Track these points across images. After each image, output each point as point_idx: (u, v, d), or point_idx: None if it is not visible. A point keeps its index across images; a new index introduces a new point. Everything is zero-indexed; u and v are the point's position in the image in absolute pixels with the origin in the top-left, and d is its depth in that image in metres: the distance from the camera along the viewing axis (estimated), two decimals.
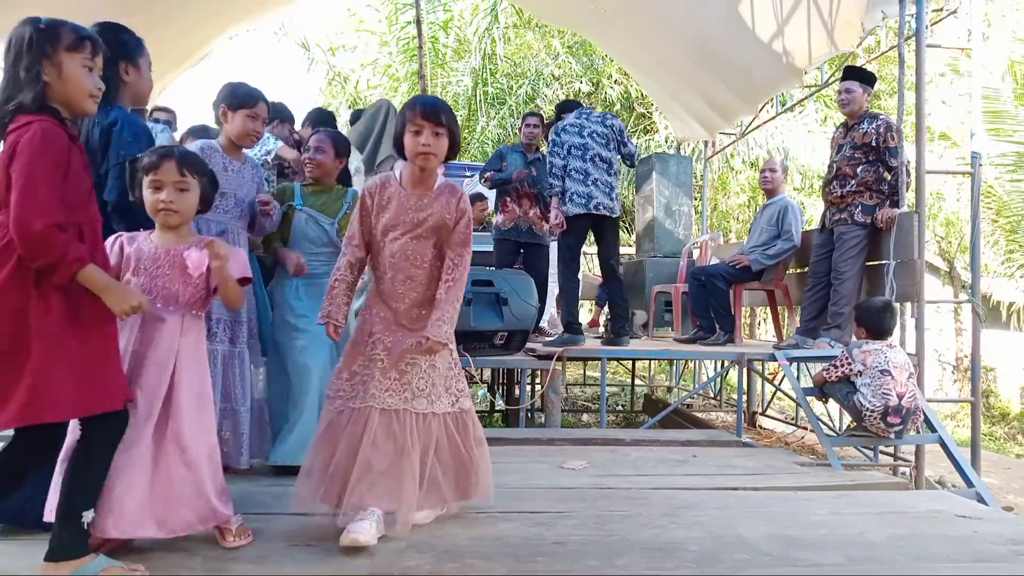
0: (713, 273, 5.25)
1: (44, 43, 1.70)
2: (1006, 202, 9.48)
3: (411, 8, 10.80)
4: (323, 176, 3.05)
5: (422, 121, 2.11)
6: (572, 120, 4.78)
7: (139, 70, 2.44)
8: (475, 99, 11.92)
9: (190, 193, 1.99)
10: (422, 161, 2.15)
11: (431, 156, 2.14)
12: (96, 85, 1.79)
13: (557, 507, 2.50)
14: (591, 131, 4.74)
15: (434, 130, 2.12)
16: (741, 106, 7.20)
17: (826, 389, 3.92)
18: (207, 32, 6.61)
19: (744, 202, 12.20)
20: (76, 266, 1.65)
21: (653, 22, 6.68)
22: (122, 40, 2.38)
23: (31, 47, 1.69)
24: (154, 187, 1.95)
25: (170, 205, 1.95)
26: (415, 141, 2.12)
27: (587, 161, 4.69)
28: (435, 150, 2.14)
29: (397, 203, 2.19)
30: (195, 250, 1.98)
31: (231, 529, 1.99)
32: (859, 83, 4.61)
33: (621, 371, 9.27)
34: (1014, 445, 9.73)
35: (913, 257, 4.31)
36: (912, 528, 2.40)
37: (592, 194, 4.65)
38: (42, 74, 1.69)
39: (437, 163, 2.17)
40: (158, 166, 1.95)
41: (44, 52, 1.70)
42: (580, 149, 4.71)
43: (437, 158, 2.16)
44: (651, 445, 3.85)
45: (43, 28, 1.71)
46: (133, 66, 2.41)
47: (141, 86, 2.46)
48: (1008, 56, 9.35)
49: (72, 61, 1.73)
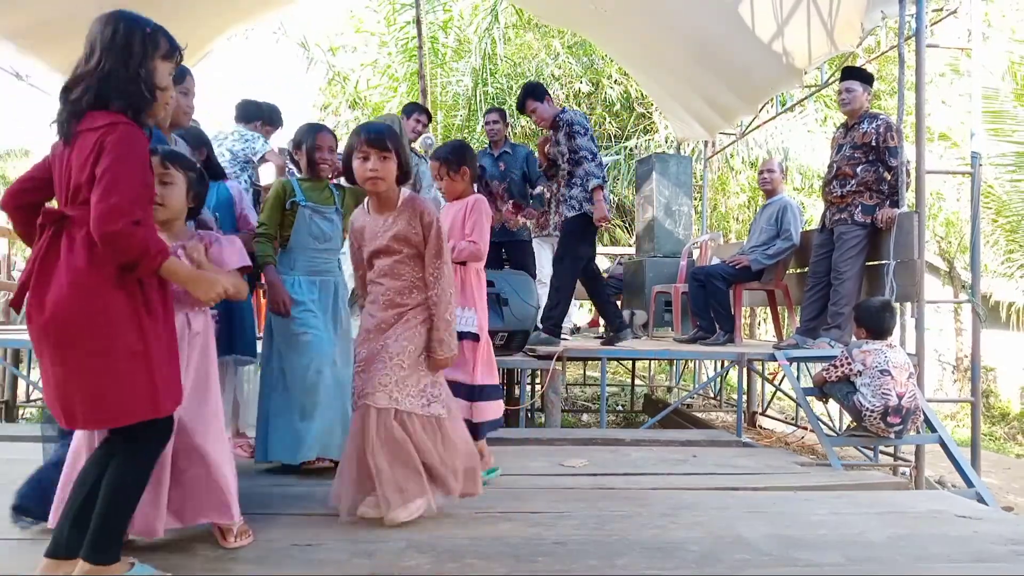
0: (713, 273, 5.25)
1: (148, 47, 1.69)
2: (1006, 202, 9.49)
3: (411, 8, 10.79)
4: (337, 176, 3.01)
5: (367, 148, 2.22)
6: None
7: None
8: (475, 99, 11.90)
9: (175, 187, 1.99)
10: (371, 186, 2.27)
11: (379, 180, 2.24)
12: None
13: (557, 507, 2.50)
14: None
15: (381, 155, 2.22)
16: (741, 106, 7.20)
17: (826, 389, 3.92)
18: (206, 33, 6.61)
19: (744, 202, 12.19)
20: (160, 259, 1.63)
21: (653, 22, 6.68)
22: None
23: (142, 49, 1.67)
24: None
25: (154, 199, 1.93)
26: (363, 167, 2.24)
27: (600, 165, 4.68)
28: (382, 174, 2.24)
29: (369, 230, 2.35)
30: (188, 241, 1.99)
31: (232, 529, 1.99)
32: (859, 82, 4.61)
33: (621, 371, 9.27)
34: (1014, 445, 9.73)
35: (913, 257, 4.31)
36: (912, 528, 2.40)
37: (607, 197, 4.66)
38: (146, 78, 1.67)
39: (387, 187, 2.28)
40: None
41: (147, 56, 1.68)
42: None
43: (386, 182, 2.26)
44: (651, 445, 3.85)
45: (150, 32, 1.70)
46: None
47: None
48: (1008, 56, 9.35)
49: (164, 69, 1.74)
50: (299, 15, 12.28)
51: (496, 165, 5.41)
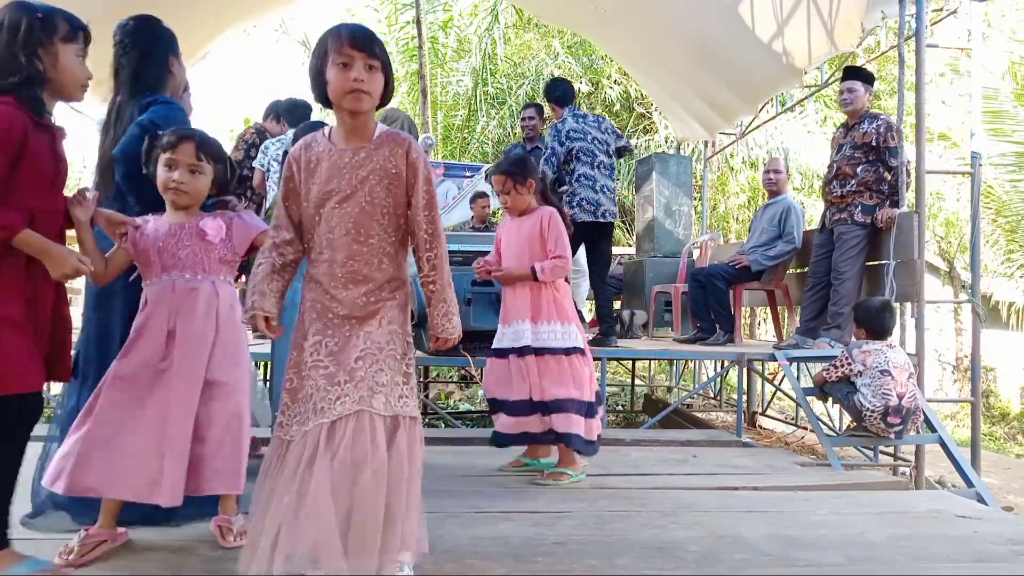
0: (713, 273, 5.25)
1: (42, 33, 1.72)
2: (1006, 202, 9.49)
3: (411, 8, 10.80)
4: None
5: (351, 51, 1.65)
6: (574, 125, 4.75)
7: (180, 61, 2.43)
8: (475, 99, 11.91)
9: (203, 176, 2.01)
10: (352, 101, 1.67)
11: (363, 95, 1.67)
12: (86, 75, 1.82)
13: (557, 507, 2.50)
14: (594, 137, 4.75)
15: (367, 63, 1.66)
16: (741, 106, 7.20)
17: (826, 389, 3.92)
18: (207, 31, 6.61)
19: (744, 202, 12.19)
20: (5, 233, 1.63)
21: (653, 22, 6.68)
22: (166, 32, 2.37)
23: (30, 35, 1.70)
24: (168, 165, 1.97)
25: (181, 186, 1.96)
26: (343, 77, 1.65)
27: (595, 168, 4.71)
28: (369, 87, 1.67)
29: (328, 164, 1.73)
30: (211, 220, 2.01)
31: (231, 529, 1.99)
32: (861, 82, 4.61)
33: (621, 371, 9.27)
34: (1014, 445, 9.73)
35: (913, 257, 4.31)
36: (912, 528, 2.40)
37: (600, 201, 4.69)
38: (37, 62, 1.71)
39: (371, 105, 1.71)
40: (176, 145, 1.97)
41: (41, 42, 1.71)
42: (588, 155, 4.70)
43: (371, 98, 1.70)
44: (651, 445, 3.85)
45: (41, 17, 1.72)
46: (177, 58, 2.40)
47: (183, 77, 2.46)
48: (1008, 56, 9.35)
49: (68, 51, 1.77)
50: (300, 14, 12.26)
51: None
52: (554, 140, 4.75)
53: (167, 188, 1.98)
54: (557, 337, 2.78)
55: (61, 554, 1.81)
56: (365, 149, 1.73)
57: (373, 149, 1.73)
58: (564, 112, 4.81)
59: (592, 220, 4.67)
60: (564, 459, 2.89)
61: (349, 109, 1.70)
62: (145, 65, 2.27)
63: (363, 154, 1.73)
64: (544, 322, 2.80)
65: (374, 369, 1.65)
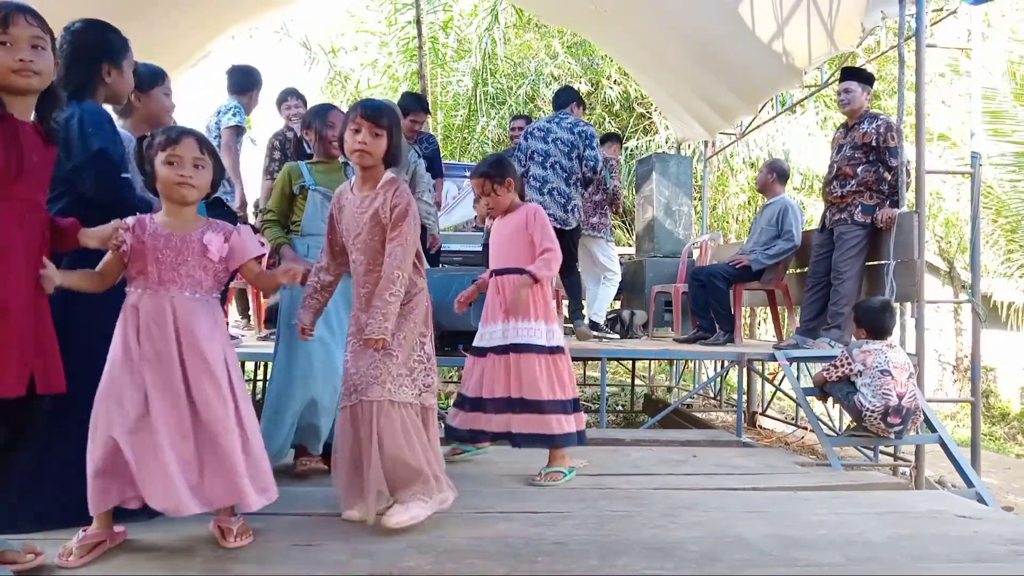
0: (713, 273, 5.25)
1: None
2: (1006, 202, 9.49)
3: (411, 8, 10.80)
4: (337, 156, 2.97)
5: (361, 120, 2.15)
6: (541, 124, 4.76)
7: (122, 72, 2.36)
8: (475, 99, 11.91)
9: (206, 172, 2.00)
10: (357, 159, 2.18)
11: (365, 154, 2.16)
12: (16, 58, 1.72)
13: (557, 507, 2.50)
14: (556, 137, 4.72)
15: (373, 130, 2.15)
16: (741, 106, 7.20)
17: (827, 389, 3.92)
18: (208, 32, 6.61)
19: (744, 202, 12.20)
20: None
21: (653, 22, 6.68)
22: (107, 40, 2.32)
23: None
24: (171, 162, 1.94)
25: (190, 180, 1.95)
26: (352, 139, 2.16)
27: (547, 168, 4.65)
28: (371, 149, 2.16)
29: (348, 209, 2.25)
30: (213, 234, 1.99)
31: (232, 529, 1.99)
32: (858, 82, 4.61)
33: (621, 371, 9.27)
34: (1014, 445, 9.73)
35: (913, 257, 4.31)
36: (912, 528, 2.40)
37: (545, 204, 4.56)
38: None
39: (372, 163, 2.19)
40: (177, 141, 1.95)
41: None
42: (542, 155, 4.66)
43: (372, 157, 2.17)
44: (651, 445, 3.85)
45: None
46: (116, 67, 2.33)
47: (121, 88, 2.39)
48: (1008, 56, 9.35)
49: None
50: (301, 15, 12.26)
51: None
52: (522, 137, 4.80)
53: (177, 184, 1.94)
54: (535, 335, 2.78)
55: (61, 555, 1.81)
56: (369, 197, 2.21)
57: (374, 197, 2.20)
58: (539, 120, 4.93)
59: None
60: (555, 458, 2.89)
61: (356, 163, 2.22)
62: (72, 70, 2.21)
63: (367, 202, 2.21)
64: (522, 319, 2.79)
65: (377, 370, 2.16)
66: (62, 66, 2.10)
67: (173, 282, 1.94)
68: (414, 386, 2.19)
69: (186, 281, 1.95)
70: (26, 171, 1.75)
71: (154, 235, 1.95)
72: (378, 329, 2.10)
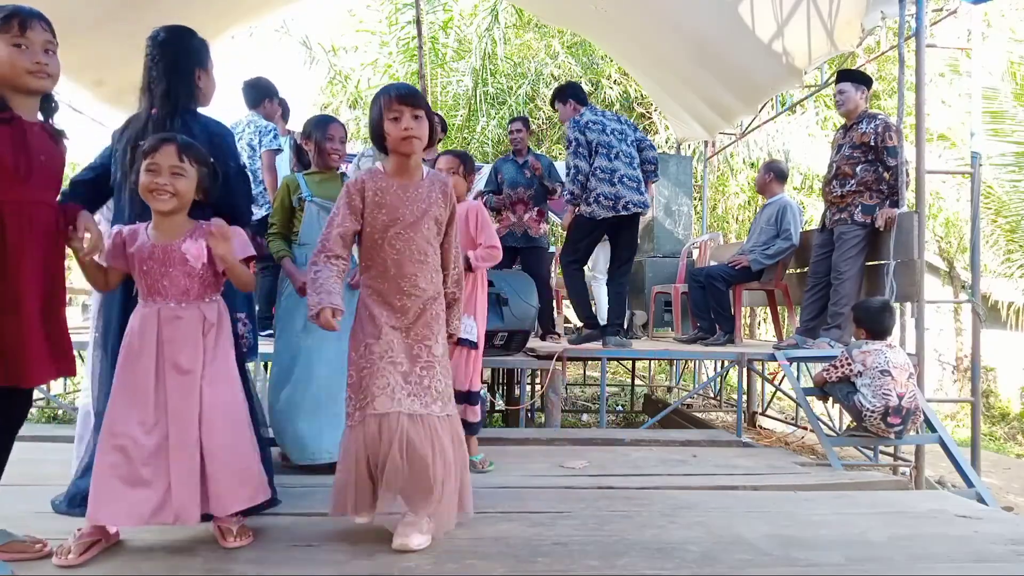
0: (713, 274, 5.25)
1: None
2: (1006, 202, 9.49)
3: (411, 8, 10.80)
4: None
5: (400, 107, 2.04)
6: (592, 117, 4.67)
7: (209, 75, 2.41)
8: (475, 99, 11.91)
9: (185, 179, 1.98)
10: (407, 147, 2.06)
11: (414, 140, 2.05)
12: (33, 60, 1.78)
13: (557, 507, 2.50)
14: (612, 128, 4.67)
15: (413, 113, 2.05)
16: (741, 106, 7.20)
17: (827, 389, 3.93)
18: (209, 32, 6.59)
19: (744, 202, 12.20)
20: None
21: (653, 22, 6.68)
22: (195, 46, 2.36)
23: None
24: (150, 170, 1.94)
25: (164, 187, 1.93)
26: (397, 128, 2.04)
27: (613, 159, 4.60)
28: (418, 133, 2.06)
29: (393, 196, 2.09)
30: (191, 241, 1.98)
31: (231, 529, 1.99)
32: (852, 83, 4.62)
33: (621, 371, 9.26)
34: (1014, 445, 9.73)
35: (913, 257, 4.31)
36: (912, 528, 2.40)
37: (620, 194, 4.57)
38: None
39: (421, 147, 2.10)
40: (157, 149, 1.95)
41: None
42: (605, 147, 4.60)
43: (421, 142, 2.08)
44: (651, 445, 3.85)
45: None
46: (204, 72, 2.37)
47: (209, 90, 2.43)
48: (1007, 56, 9.35)
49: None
50: (301, 14, 12.25)
51: (521, 172, 5.40)
52: (575, 131, 4.63)
53: (149, 191, 1.94)
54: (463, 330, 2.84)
55: (58, 554, 1.81)
56: (421, 186, 2.12)
57: (427, 187, 2.13)
58: (583, 108, 4.76)
59: (612, 215, 4.57)
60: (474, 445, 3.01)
61: (404, 152, 2.08)
62: (175, 79, 2.26)
63: (421, 190, 2.11)
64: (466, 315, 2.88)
65: (435, 380, 2.07)
66: (161, 76, 2.21)
67: (159, 293, 1.95)
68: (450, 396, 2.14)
69: (171, 292, 1.96)
70: (35, 172, 1.78)
71: (140, 247, 1.96)
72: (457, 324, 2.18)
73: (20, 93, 1.79)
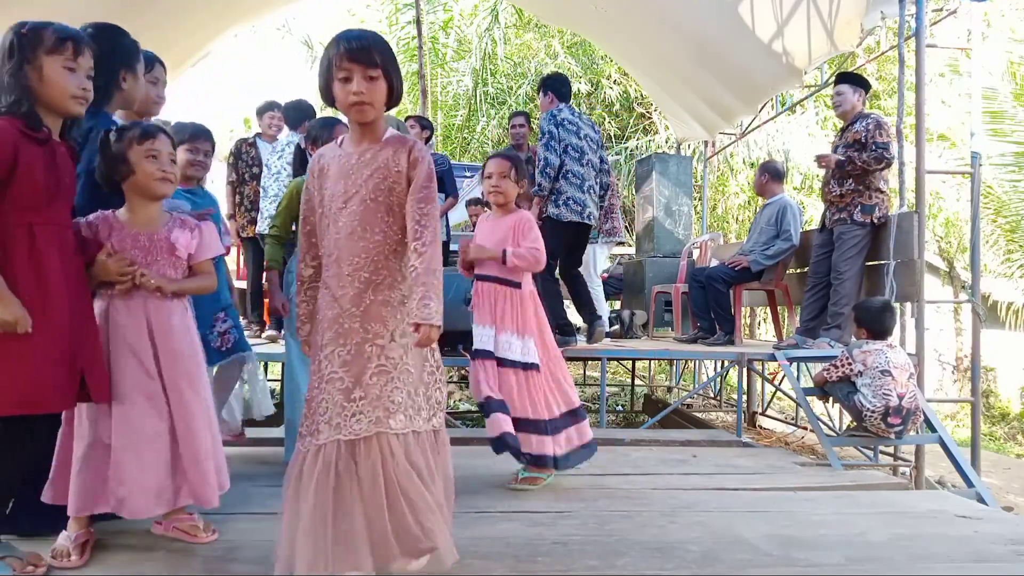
0: (713, 275, 5.25)
1: (26, 47, 1.70)
2: (1005, 202, 9.49)
3: (411, 8, 10.80)
4: None
5: (350, 64, 1.69)
6: (569, 117, 4.58)
7: (136, 77, 2.34)
8: (475, 99, 11.92)
9: (177, 167, 2.04)
10: (356, 114, 1.73)
11: (366, 107, 1.72)
12: (80, 85, 1.77)
13: (557, 507, 2.50)
14: (585, 134, 4.60)
15: (366, 73, 1.70)
16: (741, 106, 7.20)
17: (827, 389, 3.93)
18: (209, 32, 6.61)
19: (744, 202, 12.20)
20: None
21: (653, 22, 6.68)
22: (122, 45, 2.28)
23: (12, 53, 1.69)
24: (152, 156, 1.95)
25: (170, 175, 1.97)
26: (344, 91, 1.71)
27: (584, 166, 4.53)
28: (369, 98, 1.71)
29: (337, 166, 1.79)
30: (180, 231, 2.00)
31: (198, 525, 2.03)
32: (850, 86, 4.62)
33: (621, 371, 9.26)
34: (1014, 445, 9.73)
35: (913, 257, 4.31)
36: (912, 528, 2.40)
37: (586, 202, 4.53)
38: (24, 78, 1.69)
39: (376, 114, 1.76)
40: (155, 136, 1.96)
41: (25, 56, 1.70)
42: (577, 151, 4.54)
43: (375, 108, 1.74)
44: (651, 445, 3.85)
45: (25, 33, 1.71)
46: (131, 73, 2.30)
47: (136, 93, 2.36)
48: (1007, 56, 9.35)
49: (52, 63, 1.73)
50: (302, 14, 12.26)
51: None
52: (550, 124, 4.48)
53: (159, 179, 1.94)
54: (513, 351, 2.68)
55: (56, 556, 1.81)
56: (371, 150, 1.77)
57: (379, 150, 1.77)
58: (561, 104, 4.61)
59: (579, 221, 4.52)
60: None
61: (355, 120, 1.77)
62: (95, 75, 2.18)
63: (368, 155, 1.76)
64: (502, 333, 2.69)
65: (390, 388, 1.69)
66: None
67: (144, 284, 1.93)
68: (428, 406, 1.78)
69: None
70: (62, 192, 1.78)
71: (121, 235, 1.93)
72: (430, 313, 1.63)
73: (53, 114, 1.78)
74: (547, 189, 4.48)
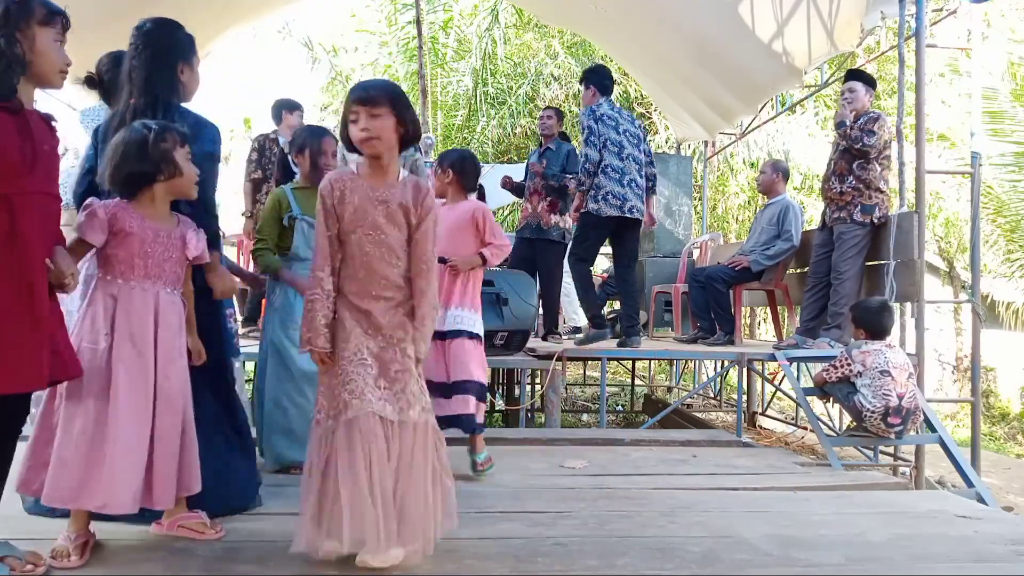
0: (713, 275, 5.25)
1: (20, 17, 1.70)
2: (1005, 202, 9.48)
3: (411, 8, 10.80)
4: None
5: (357, 108, 1.93)
6: (608, 111, 4.57)
7: (193, 70, 2.36)
8: (475, 99, 11.91)
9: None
10: (368, 148, 1.94)
11: (373, 140, 1.92)
12: (65, 61, 1.79)
13: (557, 507, 2.50)
14: (624, 128, 4.58)
15: (370, 112, 1.91)
16: (741, 106, 7.20)
17: (827, 389, 3.93)
18: (210, 32, 6.60)
19: (744, 202, 12.20)
20: None
21: (653, 22, 6.68)
22: (180, 39, 2.31)
23: (7, 19, 1.68)
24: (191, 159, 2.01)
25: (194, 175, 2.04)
26: (354, 130, 1.93)
27: (624, 160, 4.53)
28: (376, 133, 1.91)
29: (359, 195, 1.97)
30: (192, 232, 2.04)
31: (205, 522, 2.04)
32: (862, 83, 4.61)
33: (621, 371, 9.26)
34: (1014, 445, 9.74)
35: (913, 257, 4.31)
36: (912, 528, 2.40)
37: (627, 196, 4.52)
38: (16, 46, 1.68)
39: (385, 148, 1.95)
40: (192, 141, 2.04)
41: (18, 25, 1.69)
42: (616, 146, 4.52)
43: (382, 141, 1.93)
44: (651, 445, 3.85)
45: (18, 1, 1.70)
46: (188, 66, 2.32)
47: (192, 85, 2.38)
48: (1007, 56, 9.35)
49: (45, 35, 1.74)
50: (303, 15, 12.26)
51: (540, 161, 5.32)
52: (589, 119, 4.51)
53: (196, 182, 2.03)
54: (467, 323, 2.89)
55: (56, 557, 1.80)
56: (393, 188, 1.98)
57: (399, 190, 1.98)
58: (602, 99, 4.63)
59: (618, 215, 4.50)
60: (479, 443, 2.92)
61: (368, 155, 1.97)
62: (156, 70, 2.22)
63: (387, 194, 1.97)
64: (455, 307, 2.90)
65: (411, 385, 1.93)
66: (142, 65, 2.18)
67: (159, 278, 1.96)
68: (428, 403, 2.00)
69: (169, 277, 1.99)
70: (40, 161, 1.75)
71: (141, 227, 1.94)
72: (421, 351, 1.97)
73: (34, 85, 1.78)
74: (587, 184, 4.51)
